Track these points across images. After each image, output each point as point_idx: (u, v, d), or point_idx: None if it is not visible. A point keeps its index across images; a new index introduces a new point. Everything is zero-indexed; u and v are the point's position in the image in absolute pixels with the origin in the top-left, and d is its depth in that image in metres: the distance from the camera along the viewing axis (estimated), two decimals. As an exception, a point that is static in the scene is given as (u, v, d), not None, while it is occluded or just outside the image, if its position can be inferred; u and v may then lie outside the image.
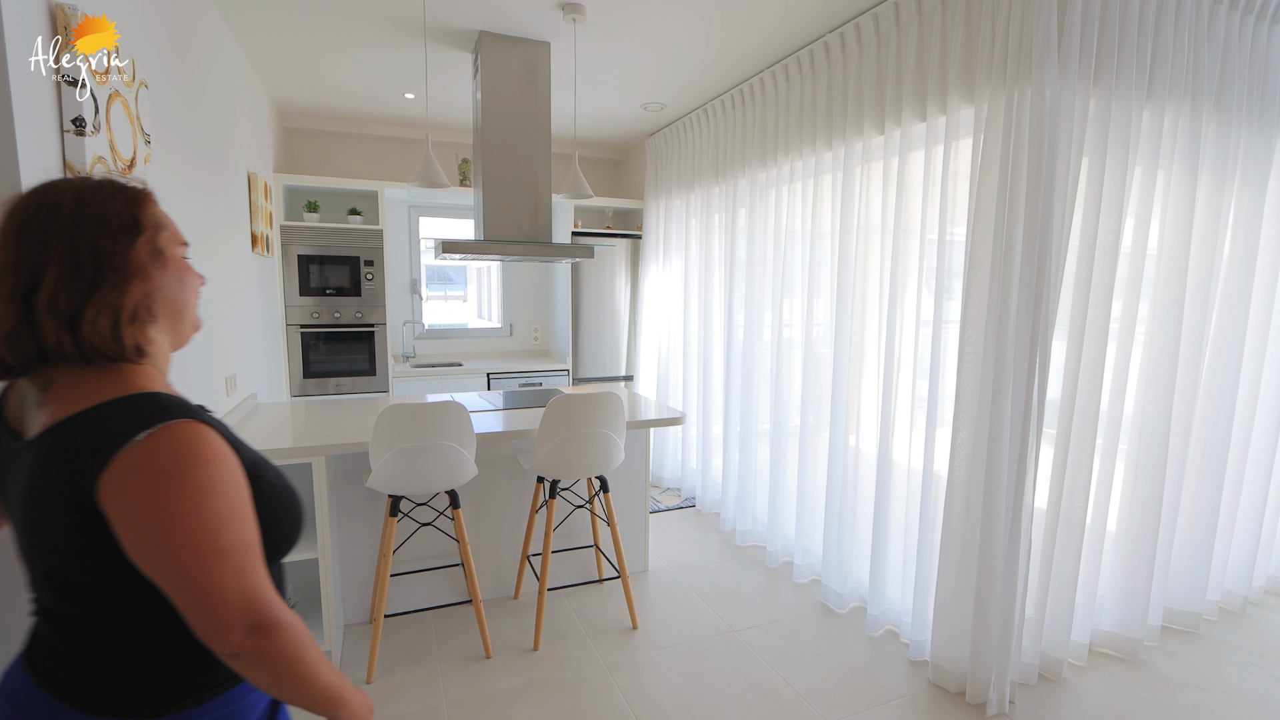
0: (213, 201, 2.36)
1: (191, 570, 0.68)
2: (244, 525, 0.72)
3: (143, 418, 0.69)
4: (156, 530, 0.67)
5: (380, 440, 2.10)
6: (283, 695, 0.76)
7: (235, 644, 0.69)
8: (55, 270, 0.70)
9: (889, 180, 2.45)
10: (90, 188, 0.76)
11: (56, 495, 0.68)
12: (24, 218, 0.72)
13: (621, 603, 2.76)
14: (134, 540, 0.68)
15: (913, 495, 2.45)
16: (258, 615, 0.70)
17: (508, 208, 2.84)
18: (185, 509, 0.68)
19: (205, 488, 0.69)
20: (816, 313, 2.91)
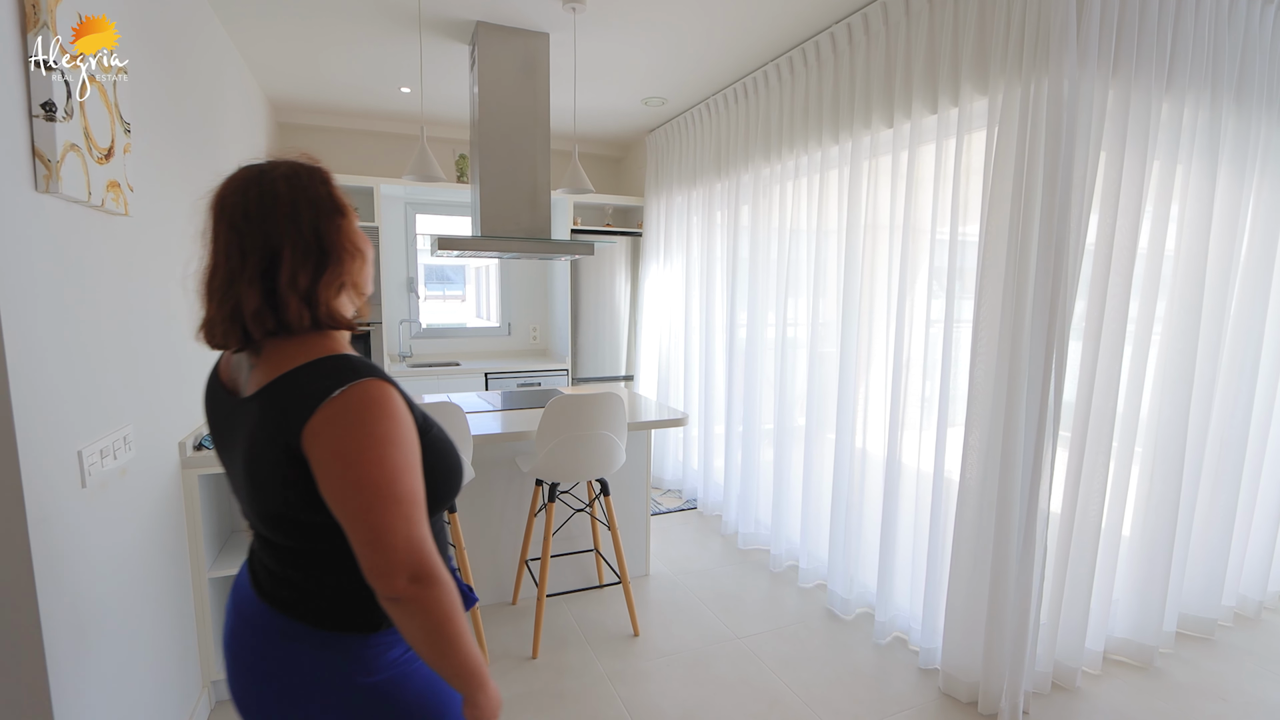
0: (201, 195, 2.28)
1: (366, 513, 0.75)
2: (415, 477, 0.79)
3: (338, 376, 0.78)
4: (342, 475, 0.75)
5: (373, 442, 2.02)
6: (429, 655, 0.79)
7: (396, 588, 0.75)
8: (289, 252, 0.80)
9: (898, 175, 2.39)
10: (294, 171, 0.84)
11: (271, 443, 0.78)
12: (247, 203, 0.81)
13: (622, 608, 2.69)
14: (325, 482, 0.76)
15: (922, 498, 2.38)
16: (419, 564, 0.76)
17: (506, 203, 2.77)
18: (369, 457, 0.75)
19: (387, 439, 0.76)
20: (822, 311, 2.84)
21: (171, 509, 1.86)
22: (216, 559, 2.09)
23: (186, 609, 1.94)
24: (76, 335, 1.34)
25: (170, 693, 1.77)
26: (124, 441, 1.52)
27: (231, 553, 2.14)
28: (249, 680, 0.88)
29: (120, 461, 1.51)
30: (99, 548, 1.42)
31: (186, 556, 1.95)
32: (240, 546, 2.19)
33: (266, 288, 0.80)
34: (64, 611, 1.25)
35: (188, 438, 1.96)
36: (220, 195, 0.84)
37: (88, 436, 1.37)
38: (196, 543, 1.96)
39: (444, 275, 8.16)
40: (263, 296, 0.80)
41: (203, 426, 2.12)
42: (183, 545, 1.93)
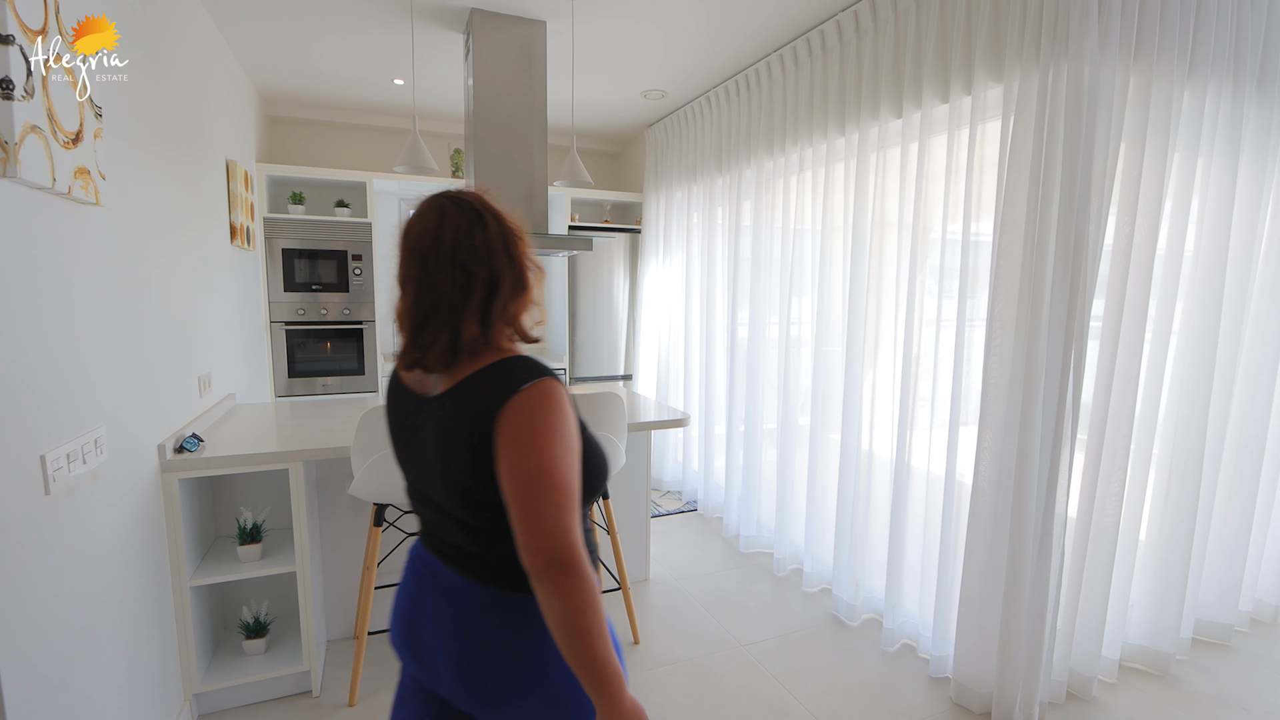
0: (184, 187, 2.20)
1: (525, 494, 0.82)
2: (573, 470, 0.86)
3: (524, 374, 0.87)
4: (514, 458, 0.84)
5: (363, 445, 1.94)
6: (563, 646, 0.82)
7: (538, 568, 0.81)
8: (506, 283, 0.91)
9: (907, 167, 2.31)
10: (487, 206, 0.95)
11: (469, 429, 0.87)
12: (473, 240, 0.90)
13: (622, 615, 2.61)
14: (501, 463, 0.85)
15: (932, 501, 2.30)
16: (561, 550, 0.81)
17: (501, 197, 2.68)
18: (539, 444, 0.83)
19: (556, 431, 0.85)
20: (826, 309, 2.76)
21: (150, 515, 1.77)
22: (199, 567, 2.00)
23: (167, 619, 1.85)
24: (39, 331, 1.25)
25: (150, 707, 1.68)
26: (95, 445, 1.44)
27: (215, 561, 2.06)
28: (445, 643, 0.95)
29: (91, 466, 1.42)
30: (68, 557, 1.33)
31: (167, 565, 1.86)
32: (225, 555, 2.10)
33: (484, 314, 0.90)
34: (23, 625, 1.16)
35: (168, 440, 1.87)
36: (434, 231, 0.90)
37: (53, 440, 1.28)
38: (178, 550, 1.88)
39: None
40: (480, 323, 0.90)
41: (185, 428, 2.03)
42: (163, 553, 1.84)
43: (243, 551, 2.03)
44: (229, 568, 2.01)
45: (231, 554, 2.09)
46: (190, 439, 1.95)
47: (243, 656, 2.11)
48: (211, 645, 2.12)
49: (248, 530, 2.05)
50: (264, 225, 3.60)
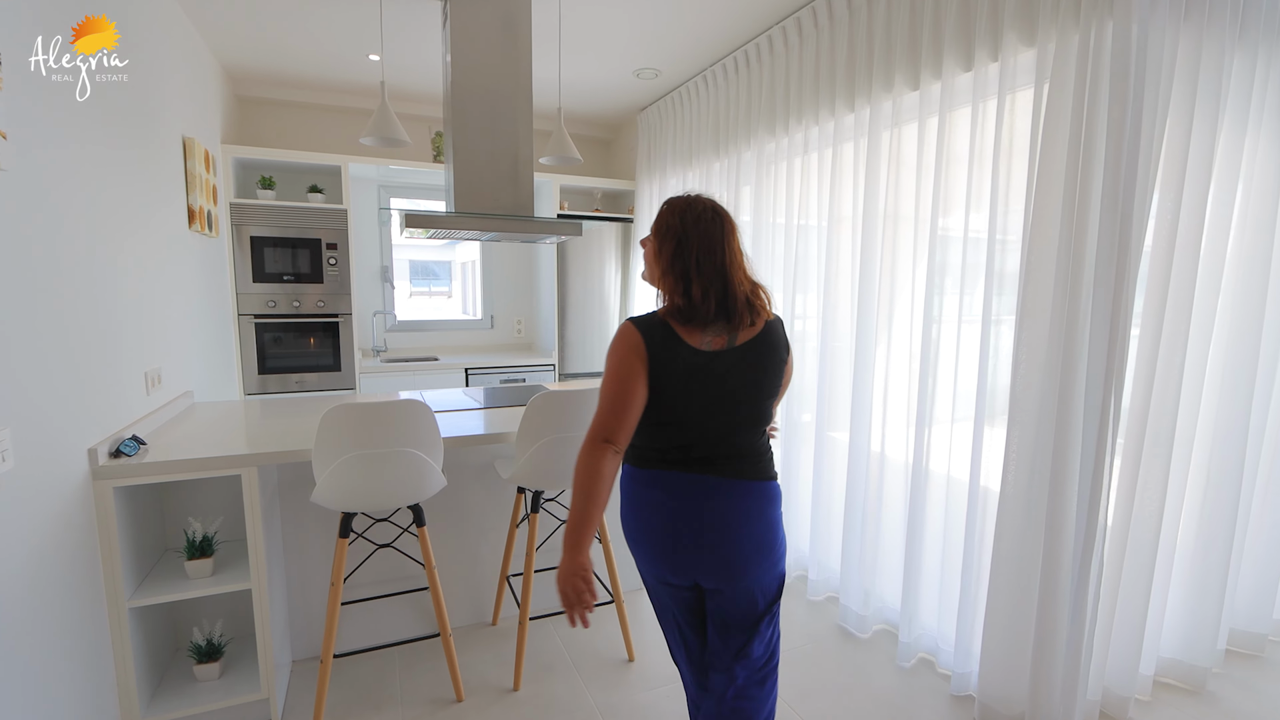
0: (125, 160, 1.97)
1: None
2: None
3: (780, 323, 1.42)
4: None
5: (325, 447, 1.73)
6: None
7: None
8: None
9: (926, 143, 2.13)
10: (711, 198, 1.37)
11: (779, 360, 1.35)
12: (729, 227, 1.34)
13: (615, 628, 2.42)
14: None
15: (953, 506, 2.13)
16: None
17: (483, 178, 2.48)
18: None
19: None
20: (834, 299, 2.57)
21: (80, 529, 1.55)
22: (141, 585, 1.79)
23: (103, 645, 1.64)
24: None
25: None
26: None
27: (161, 578, 1.84)
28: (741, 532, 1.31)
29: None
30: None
31: (100, 584, 1.65)
32: (172, 571, 1.89)
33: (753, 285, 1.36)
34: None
35: (102, 443, 1.66)
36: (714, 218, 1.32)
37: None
38: (113, 568, 1.66)
39: (429, 271, 7.79)
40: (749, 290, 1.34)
41: (126, 430, 1.81)
42: (96, 571, 1.63)
43: (191, 567, 1.82)
44: (176, 585, 1.79)
45: (180, 570, 1.87)
46: (129, 442, 1.73)
47: (194, 683, 1.89)
48: (157, 672, 1.91)
49: (196, 543, 1.83)
50: (230, 211, 3.36)
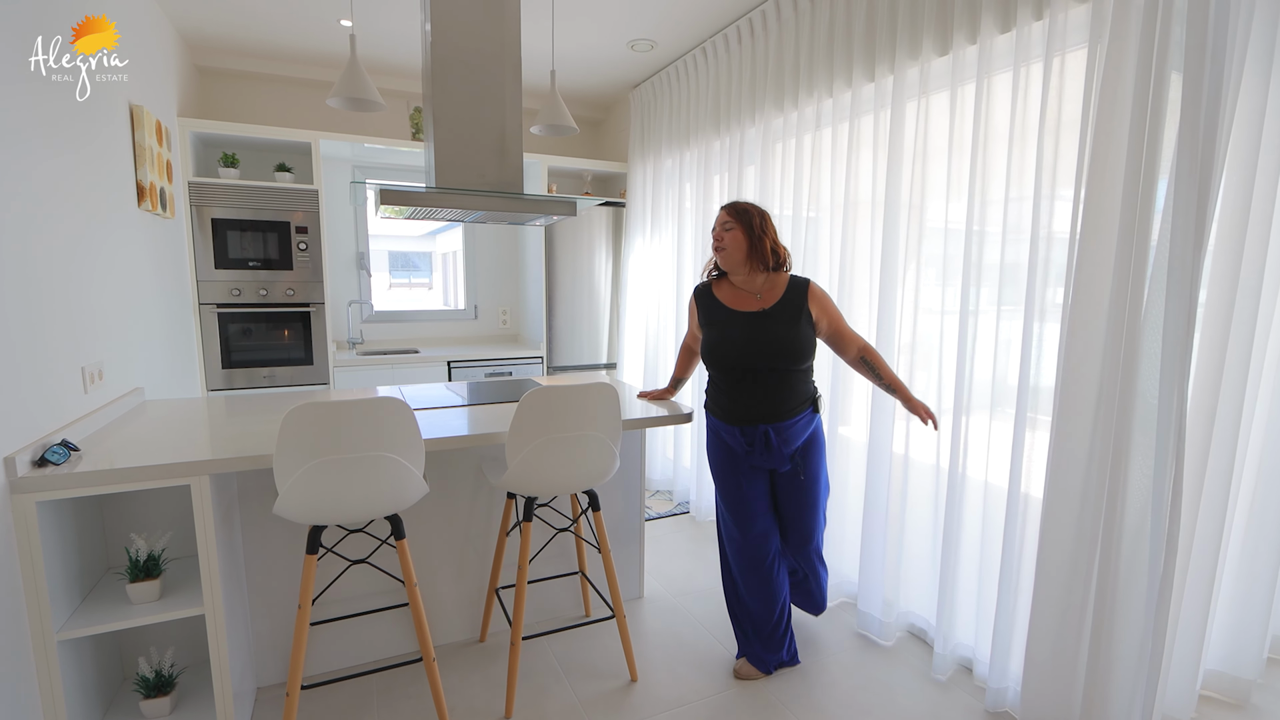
0: (59, 130, 1.71)
1: None
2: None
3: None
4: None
5: (288, 452, 1.51)
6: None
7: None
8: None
9: (960, 113, 1.94)
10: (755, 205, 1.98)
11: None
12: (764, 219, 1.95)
13: (615, 644, 2.23)
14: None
15: (991, 512, 1.96)
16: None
17: (467, 152, 2.24)
18: None
19: None
20: (849, 287, 2.39)
21: (-9, 553, 1.32)
22: (74, 613, 1.55)
23: (28, 682, 1.40)
24: None
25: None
26: None
27: (101, 602, 1.60)
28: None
29: None
30: None
31: (23, 614, 1.41)
32: (114, 595, 1.65)
33: (770, 245, 1.93)
34: None
35: (22, 450, 1.41)
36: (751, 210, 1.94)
37: None
38: (38, 595, 1.42)
39: (409, 262, 7.50)
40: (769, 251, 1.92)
41: (56, 434, 1.57)
42: (16, 599, 1.39)
43: (134, 591, 1.58)
44: (116, 612, 1.56)
45: (123, 593, 1.64)
46: (57, 448, 1.49)
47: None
48: (99, 708, 1.67)
49: (140, 563, 1.60)
50: (189, 190, 3.08)
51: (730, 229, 1.91)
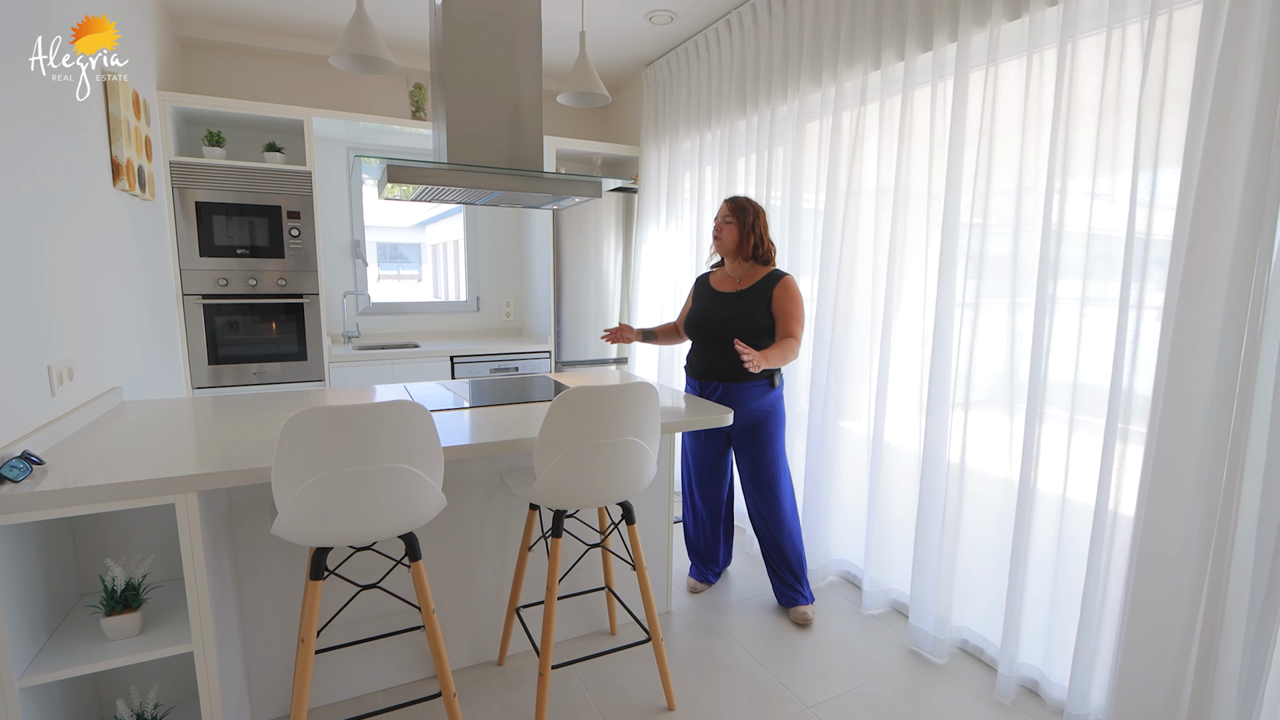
0: (11, 92, 1.48)
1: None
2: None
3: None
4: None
5: (290, 465, 1.29)
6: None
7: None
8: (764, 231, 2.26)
9: (1037, 83, 1.75)
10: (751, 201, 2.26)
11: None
12: (757, 211, 2.24)
13: (646, 666, 2.04)
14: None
15: (1072, 528, 1.79)
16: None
17: (481, 123, 2.02)
18: None
19: None
20: (899, 281, 2.20)
21: (-67, 591, 1.10)
22: (39, 655, 1.33)
23: (-19, 742, 1.19)
24: None
25: None
26: None
27: (72, 638, 1.39)
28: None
29: None
30: None
31: (-24, 660, 1.20)
32: (88, 629, 1.44)
33: (756, 240, 2.22)
34: None
35: (-28, 467, 1.19)
36: (749, 208, 2.23)
37: None
38: (-6, 636, 1.21)
39: (398, 253, 7.25)
40: (754, 245, 2.22)
41: (15, 444, 1.35)
42: (-33, 643, 1.17)
43: (110, 625, 1.37)
44: (89, 651, 1.34)
45: (97, 627, 1.42)
46: (16, 462, 1.27)
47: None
48: (71, 758, 1.46)
49: (116, 594, 1.38)
50: (170, 171, 2.83)
51: (729, 223, 2.23)
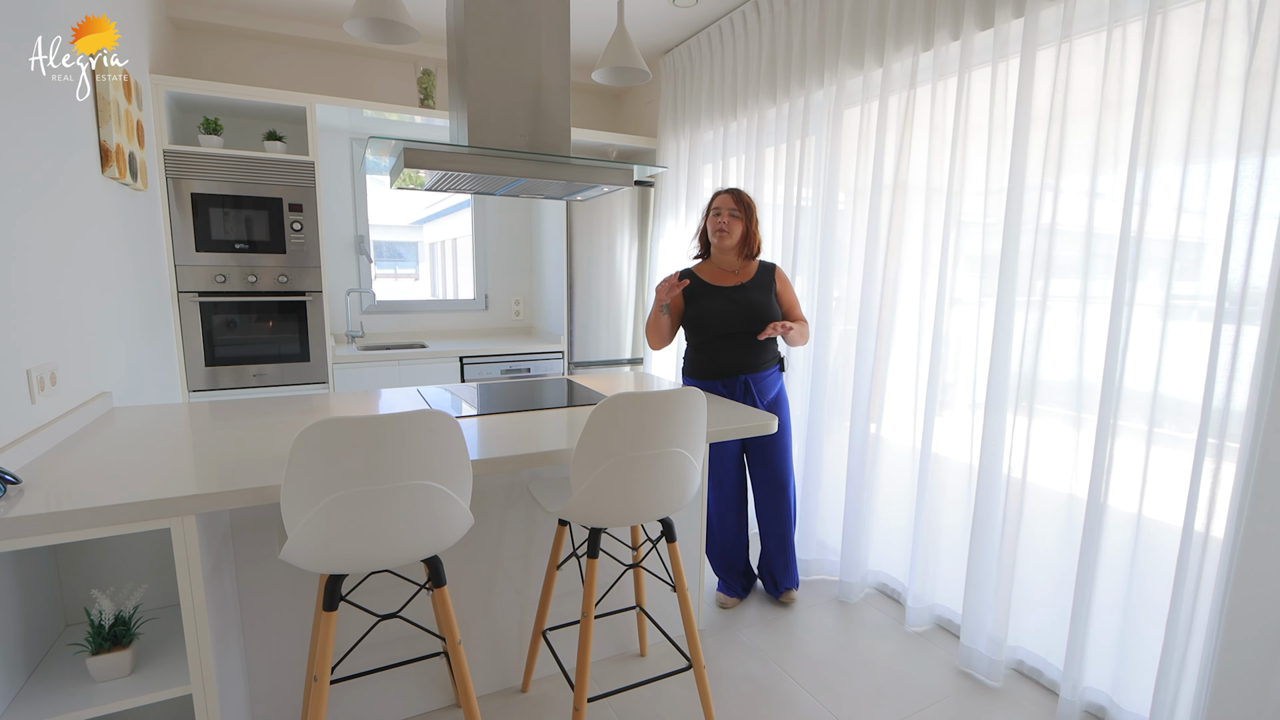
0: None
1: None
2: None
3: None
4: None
5: (301, 483, 1.13)
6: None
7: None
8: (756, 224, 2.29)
9: (1118, 61, 1.60)
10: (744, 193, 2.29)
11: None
12: (748, 204, 2.26)
13: (683, 693, 1.89)
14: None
15: (1150, 546, 1.64)
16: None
17: (501, 106, 1.86)
18: None
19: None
20: (950, 274, 2.05)
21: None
22: (15, 699, 1.17)
23: (-54, 807, 1.03)
24: None
25: None
26: None
27: (53, 683, 1.23)
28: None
29: None
30: None
31: (-60, 712, 1.03)
32: (72, 669, 1.27)
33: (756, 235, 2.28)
34: None
35: (-64, 489, 1.03)
36: (750, 203, 2.27)
37: None
38: (-38, 683, 1.05)
39: (394, 252, 7.11)
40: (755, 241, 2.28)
41: (-12, 459, 1.19)
42: (-71, 694, 1.01)
43: (97, 665, 1.21)
44: (74, 695, 1.18)
45: (83, 666, 1.26)
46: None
47: (108, 827, 1.29)
48: (53, 812, 1.30)
49: (104, 630, 1.22)
50: (164, 160, 2.66)
51: (737, 216, 2.24)
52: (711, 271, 2.30)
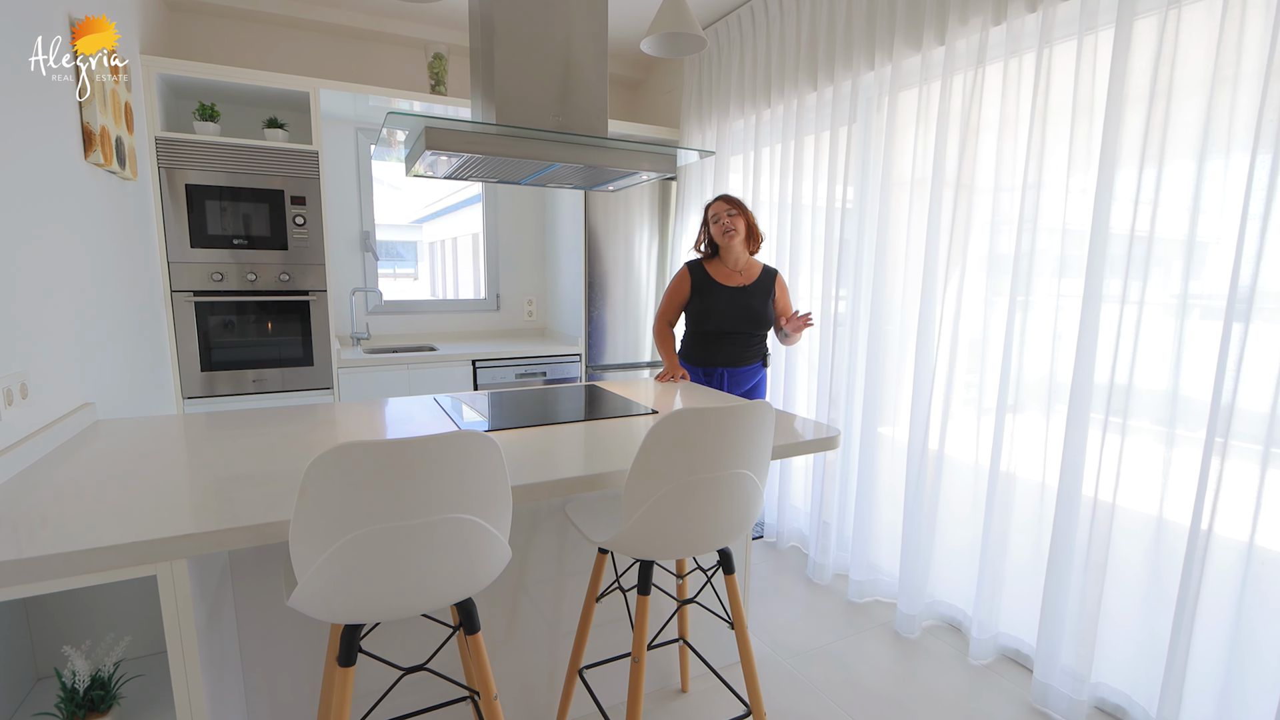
0: None
1: None
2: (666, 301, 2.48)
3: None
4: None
5: (314, 521, 0.94)
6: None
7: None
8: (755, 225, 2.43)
9: (1237, 24, 1.41)
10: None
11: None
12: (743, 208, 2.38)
13: (734, 739, 1.69)
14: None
15: (1260, 576, 1.45)
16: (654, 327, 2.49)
17: (531, 83, 1.67)
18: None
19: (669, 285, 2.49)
20: (1027, 273, 1.86)
21: None
22: (-30, 780, 0.97)
23: None
24: None
25: None
26: None
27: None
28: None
29: None
30: None
31: None
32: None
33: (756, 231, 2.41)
34: None
35: None
36: (742, 202, 2.36)
37: None
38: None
39: (393, 251, 6.92)
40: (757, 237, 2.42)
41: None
42: None
43: (70, 737, 1.01)
44: (41, 773, 0.98)
45: (53, 733, 1.06)
46: None
47: None
48: None
49: (79, 693, 1.02)
50: (156, 148, 2.46)
51: (736, 214, 2.34)
52: (724, 271, 2.40)
